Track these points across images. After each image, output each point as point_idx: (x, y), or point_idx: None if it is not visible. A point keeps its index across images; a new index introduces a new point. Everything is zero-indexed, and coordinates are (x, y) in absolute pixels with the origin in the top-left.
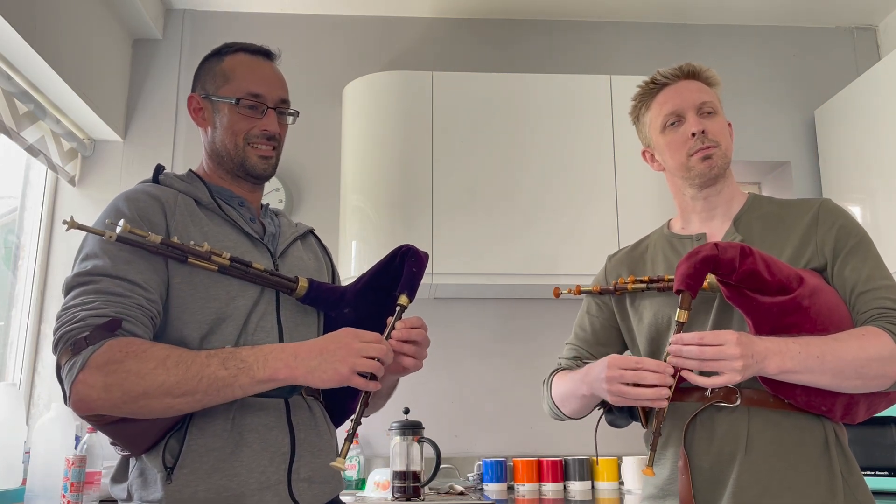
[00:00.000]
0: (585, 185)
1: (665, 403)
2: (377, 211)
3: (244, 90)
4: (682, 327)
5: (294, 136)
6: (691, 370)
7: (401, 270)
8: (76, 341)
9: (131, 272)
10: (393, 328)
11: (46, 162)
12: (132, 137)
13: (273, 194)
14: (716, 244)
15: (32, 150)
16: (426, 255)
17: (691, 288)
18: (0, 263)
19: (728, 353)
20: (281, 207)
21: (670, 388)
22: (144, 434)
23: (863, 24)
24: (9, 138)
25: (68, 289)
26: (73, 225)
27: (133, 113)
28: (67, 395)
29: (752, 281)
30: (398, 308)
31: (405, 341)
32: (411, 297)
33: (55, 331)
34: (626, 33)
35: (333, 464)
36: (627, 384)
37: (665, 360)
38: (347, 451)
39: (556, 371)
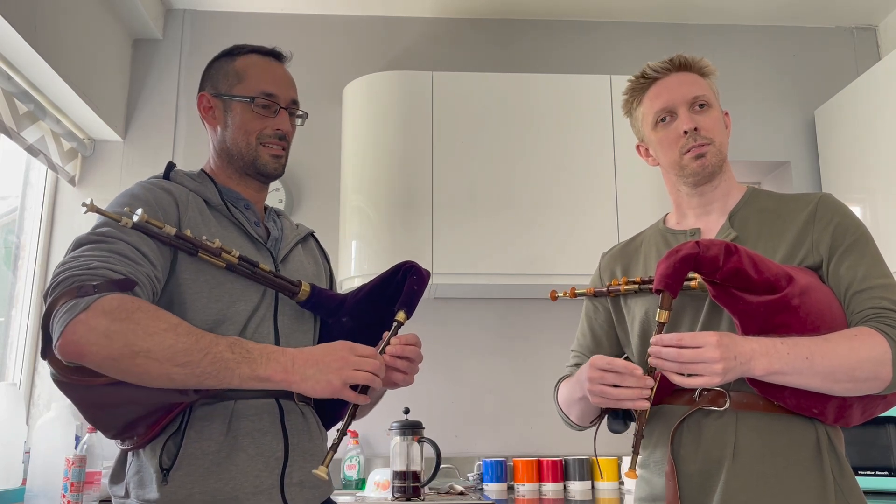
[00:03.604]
0: (585, 186)
1: (645, 405)
2: (377, 211)
3: (258, 90)
4: (662, 327)
5: (294, 135)
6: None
7: (402, 286)
8: (83, 286)
9: (143, 246)
10: (388, 343)
11: (46, 162)
12: (132, 137)
13: (273, 194)
14: (697, 242)
15: (32, 150)
16: (428, 274)
17: (670, 287)
18: (0, 263)
19: (707, 356)
20: (281, 207)
21: (651, 389)
22: (114, 411)
23: (863, 24)
24: (9, 138)
25: (79, 244)
26: (91, 208)
27: (133, 113)
28: (57, 336)
29: (737, 280)
30: (395, 324)
31: (398, 357)
32: (409, 314)
33: (57, 274)
34: (626, 33)
35: (315, 472)
36: (608, 385)
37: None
38: (330, 461)
39: (562, 379)
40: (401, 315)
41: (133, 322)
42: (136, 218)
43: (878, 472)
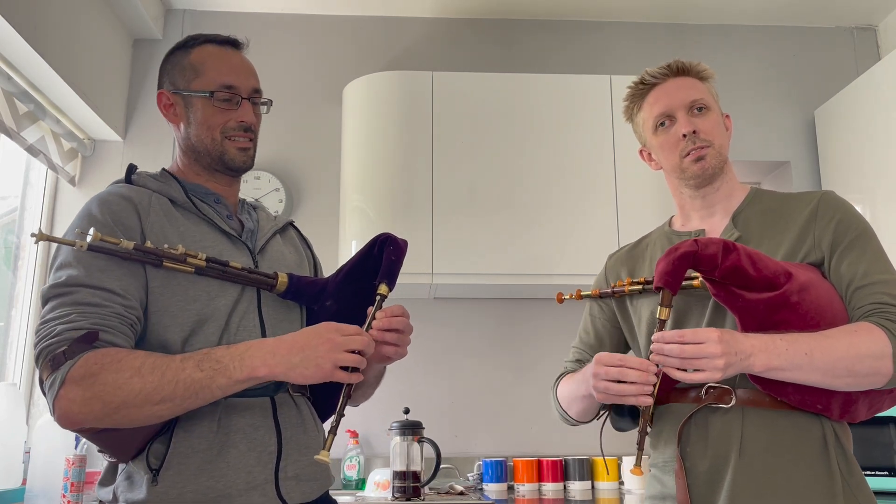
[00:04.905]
0: (585, 186)
1: (649, 401)
2: (377, 211)
3: (217, 82)
4: (663, 325)
5: (294, 135)
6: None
7: (380, 259)
8: (55, 356)
9: (107, 280)
10: (374, 318)
11: (46, 162)
12: (132, 137)
13: (273, 194)
14: (696, 240)
15: (32, 150)
16: (405, 243)
17: (670, 285)
18: (0, 263)
19: (708, 351)
20: (281, 207)
21: (654, 385)
22: (130, 441)
23: (863, 24)
24: (9, 138)
25: (44, 301)
26: (42, 237)
27: (133, 113)
28: (52, 409)
29: (736, 277)
30: (378, 297)
31: (387, 330)
32: (391, 286)
33: (35, 345)
34: (626, 33)
35: (318, 457)
36: (612, 381)
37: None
38: (331, 444)
39: (562, 375)
40: (383, 288)
41: (101, 383)
42: (88, 238)
43: (878, 473)
